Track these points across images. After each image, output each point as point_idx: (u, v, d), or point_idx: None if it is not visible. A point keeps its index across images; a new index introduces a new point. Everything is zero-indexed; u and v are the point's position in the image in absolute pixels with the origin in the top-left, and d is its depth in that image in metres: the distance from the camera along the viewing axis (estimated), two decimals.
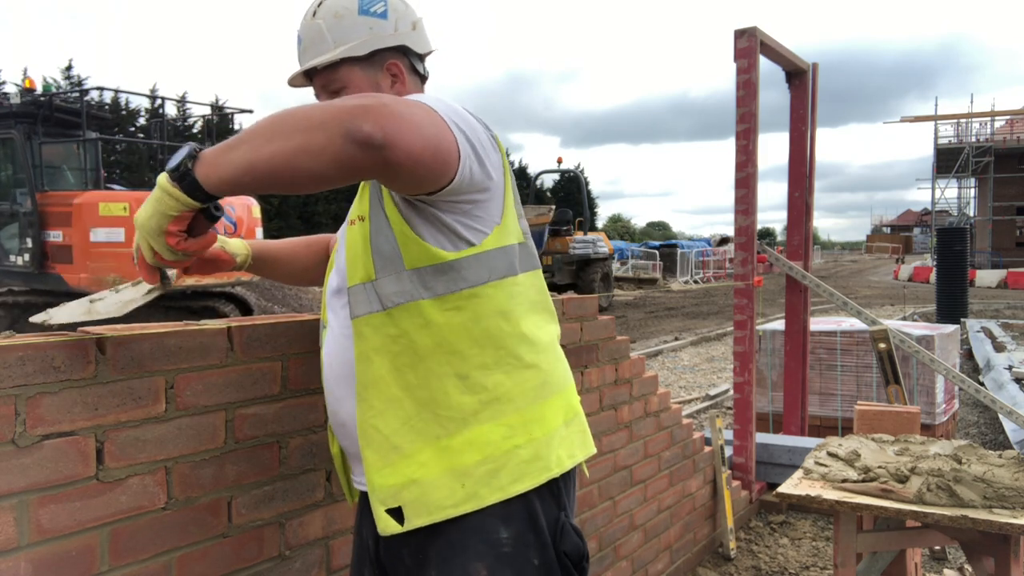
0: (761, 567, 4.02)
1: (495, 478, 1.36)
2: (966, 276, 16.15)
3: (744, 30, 4.47)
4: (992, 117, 41.52)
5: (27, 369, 1.36)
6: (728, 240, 5.15)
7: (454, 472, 1.35)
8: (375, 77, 1.54)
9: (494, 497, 1.35)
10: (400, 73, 1.56)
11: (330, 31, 1.52)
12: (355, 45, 1.51)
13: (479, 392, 1.37)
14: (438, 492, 1.35)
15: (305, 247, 1.90)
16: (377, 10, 1.53)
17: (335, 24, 1.52)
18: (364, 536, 1.56)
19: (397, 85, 1.55)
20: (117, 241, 8.90)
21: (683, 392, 9.03)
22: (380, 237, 1.37)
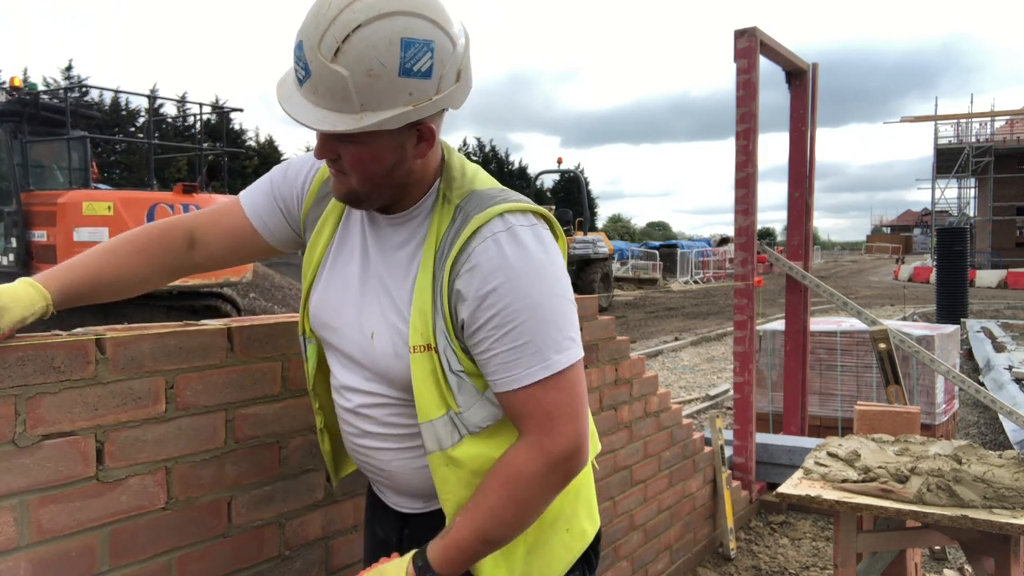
0: (761, 567, 4.02)
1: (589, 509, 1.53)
2: (966, 276, 16.16)
3: (744, 30, 4.47)
4: (992, 117, 41.53)
5: (27, 369, 1.36)
6: (728, 240, 5.15)
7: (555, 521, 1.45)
8: (401, 140, 1.29)
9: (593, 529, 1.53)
10: (431, 135, 1.30)
11: (358, 91, 1.20)
12: (388, 120, 1.21)
13: None
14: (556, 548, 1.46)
15: (136, 253, 1.54)
16: (422, 68, 1.21)
17: (366, 84, 1.19)
18: (378, 531, 1.61)
19: (422, 145, 1.31)
20: (101, 241, 8.91)
21: (683, 392, 9.03)
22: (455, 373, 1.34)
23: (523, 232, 1.30)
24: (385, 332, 1.38)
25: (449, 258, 1.30)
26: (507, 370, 1.28)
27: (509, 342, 1.26)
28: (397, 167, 1.31)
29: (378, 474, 1.52)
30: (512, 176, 52.24)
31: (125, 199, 9.26)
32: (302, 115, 1.25)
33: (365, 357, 1.42)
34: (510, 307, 1.26)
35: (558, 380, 1.28)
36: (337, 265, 1.48)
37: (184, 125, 25.18)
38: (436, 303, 1.32)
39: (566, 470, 1.30)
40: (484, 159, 53.04)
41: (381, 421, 1.44)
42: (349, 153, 1.29)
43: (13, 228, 9.34)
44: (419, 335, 1.33)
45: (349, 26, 1.17)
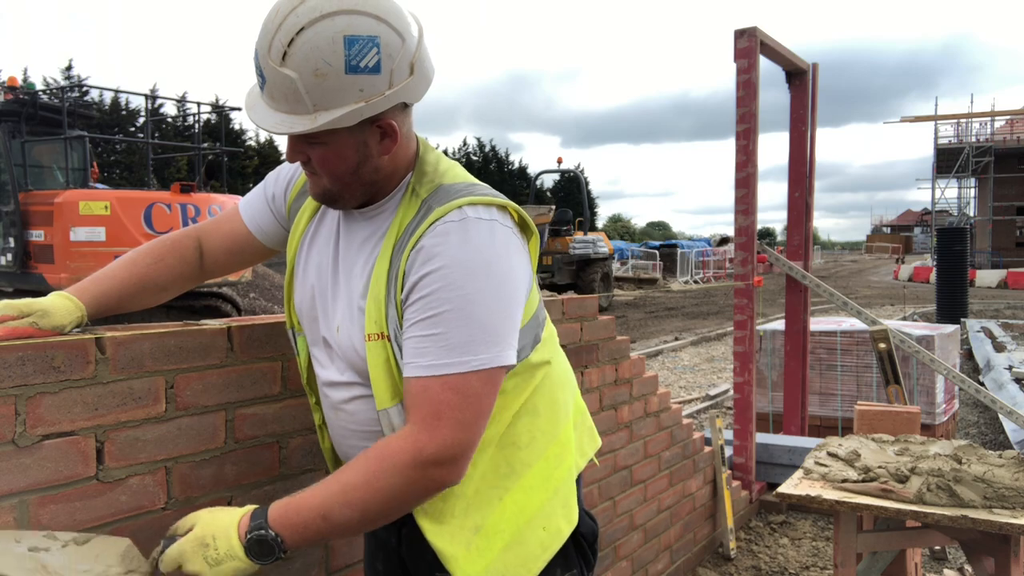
0: (761, 567, 4.03)
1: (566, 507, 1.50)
2: (966, 276, 16.16)
3: (744, 30, 4.47)
4: (992, 117, 41.53)
5: (27, 369, 1.36)
6: (728, 240, 5.15)
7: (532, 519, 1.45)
8: (363, 136, 1.30)
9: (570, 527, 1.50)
10: (393, 131, 1.31)
11: (308, 92, 1.22)
12: (341, 117, 1.23)
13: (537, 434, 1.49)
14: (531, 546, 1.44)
15: (153, 264, 1.60)
16: (369, 63, 1.22)
17: (315, 85, 1.21)
18: (379, 532, 1.60)
19: (387, 141, 1.32)
20: (98, 240, 8.80)
21: (683, 392, 9.03)
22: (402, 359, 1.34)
23: (476, 225, 1.29)
24: (347, 323, 1.40)
25: (406, 248, 1.31)
26: (414, 355, 1.27)
27: (425, 328, 1.26)
28: (363, 164, 1.33)
29: None
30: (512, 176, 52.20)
31: (122, 199, 9.22)
32: (263, 120, 1.28)
33: (336, 349, 1.44)
34: (437, 294, 1.25)
35: (458, 381, 1.25)
36: (311, 256, 1.50)
37: (184, 125, 25.20)
38: (390, 291, 1.33)
39: (435, 476, 1.25)
40: (484, 159, 52.97)
41: (360, 419, 1.45)
42: (316, 155, 1.31)
43: (11, 228, 9.33)
44: (373, 323, 1.34)
45: (293, 30, 1.20)
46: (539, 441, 1.47)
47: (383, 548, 1.60)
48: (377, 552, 1.62)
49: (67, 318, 1.44)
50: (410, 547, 1.49)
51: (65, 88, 11.50)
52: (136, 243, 9.08)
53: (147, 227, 9.10)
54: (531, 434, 1.46)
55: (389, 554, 1.58)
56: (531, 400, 1.46)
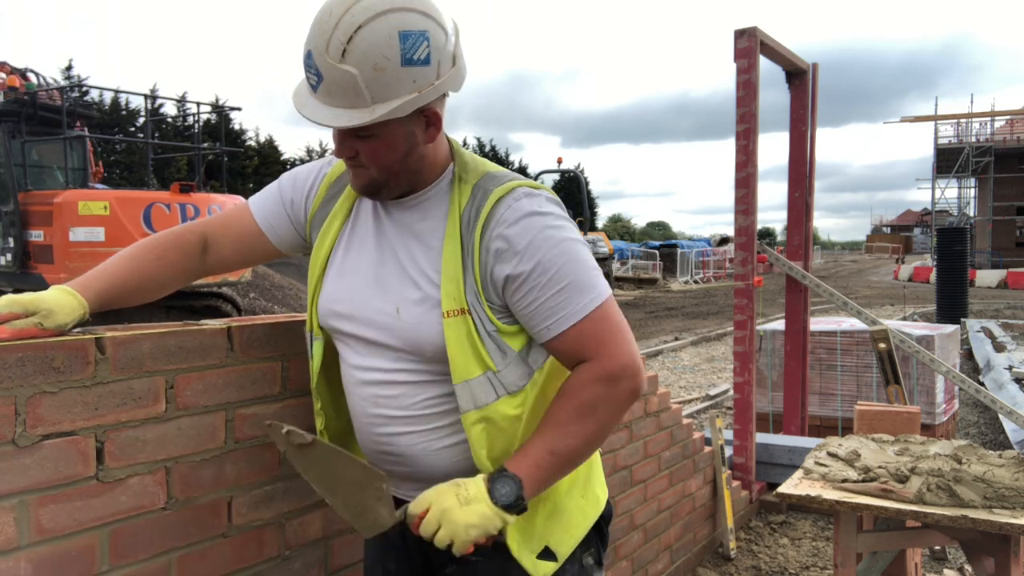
0: (761, 567, 4.03)
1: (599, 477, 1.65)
2: (966, 276, 16.16)
3: (744, 30, 4.47)
4: (992, 117, 41.53)
5: (27, 369, 1.36)
6: (728, 240, 5.15)
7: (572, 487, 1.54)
8: (411, 127, 1.39)
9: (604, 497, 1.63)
10: (437, 119, 1.41)
11: (368, 86, 1.29)
12: (398, 108, 1.31)
13: None
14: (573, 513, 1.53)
15: (156, 260, 1.61)
16: (420, 56, 1.31)
17: (374, 79, 1.29)
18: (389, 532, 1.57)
19: (431, 129, 1.41)
20: (97, 240, 8.76)
21: (683, 392, 9.03)
22: (488, 334, 1.43)
23: (539, 199, 1.45)
24: (411, 304, 1.45)
25: (477, 226, 1.41)
26: (558, 311, 1.39)
27: (554, 286, 1.39)
28: (410, 153, 1.41)
29: (397, 463, 1.52)
30: None
31: (121, 199, 9.19)
32: (320, 116, 1.35)
33: (391, 334, 1.46)
34: (548, 254, 1.39)
35: (599, 312, 1.40)
36: (349, 257, 1.54)
37: (184, 125, 25.21)
38: (467, 268, 1.42)
39: (627, 388, 1.40)
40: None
41: (404, 404, 1.47)
42: (366, 148, 1.39)
43: (11, 228, 9.31)
44: (452, 300, 1.41)
45: (351, 28, 1.28)
46: None
47: (395, 547, 1.60)
48: (388, 551, 1.62)
49: (70, 316, 1.44)
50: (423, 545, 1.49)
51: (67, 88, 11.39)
52: None
53: (146, 227, 9.06)
54: None
55: (402, 553, 1.59)
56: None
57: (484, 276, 1.41)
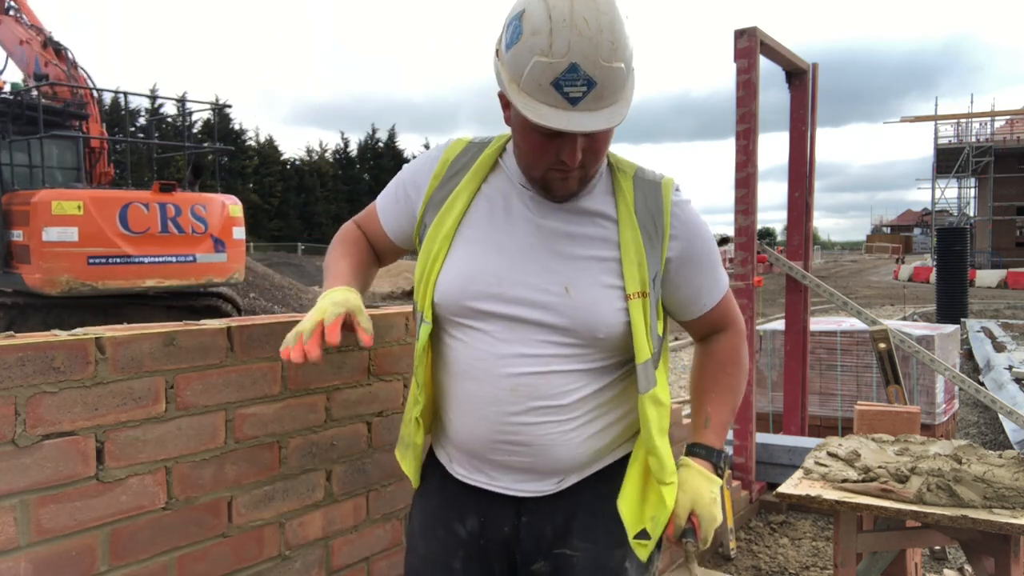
0: (761, 567, 4.02)
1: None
2: (966, 276, 16.15)
3: (744, 30, 4.46)
4: (992, 117, 41.52)
5: (27, 369, 1.36)
6: (728, 240, 5.15)
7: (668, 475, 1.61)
8: None
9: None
10: None
11: (628, 75, 1.35)
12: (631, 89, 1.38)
13: None
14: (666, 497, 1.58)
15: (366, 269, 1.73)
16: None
17: (631, 72, 1.36)
18: (458, 529, 1.58)
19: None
20: (70, 241, 8.63)
21: (683, 392, 9.03)
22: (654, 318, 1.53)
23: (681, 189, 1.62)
24: (586, 284, 1.47)
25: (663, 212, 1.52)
26: (714, 287, 1.62)
27: (711, 268, 1.61)
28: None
29: (520, 453, 1.50)
30: None
31: (96, 198, 9.01)
32: (593, 124, 1.33)
33: (556, 314, 1.46)
34: (706, 244, 1.59)
35: (730, 292, 1.69)
36: (489, 236, 1.51)
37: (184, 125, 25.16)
38: (651, 254, 1.50)
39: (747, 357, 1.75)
40: None
41: (548, 392, 1.46)
42: (598, 149, 1.41)
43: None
44: (636, 283, 1.48)
45: (611, 25, 1.30)
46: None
47: (464, 546, 1.56)
48: (456, 550, 1.57)
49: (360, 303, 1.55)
50: (530, 533, 1.54)
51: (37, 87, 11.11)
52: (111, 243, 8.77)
53: (122, 227, 8.90)
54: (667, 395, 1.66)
55: (474, 551, 1.56)
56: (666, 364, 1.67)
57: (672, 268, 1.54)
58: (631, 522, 1.53)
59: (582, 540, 1.51)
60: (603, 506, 1.53)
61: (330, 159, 63.44)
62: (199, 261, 9.58)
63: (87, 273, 8.68)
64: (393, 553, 2.08)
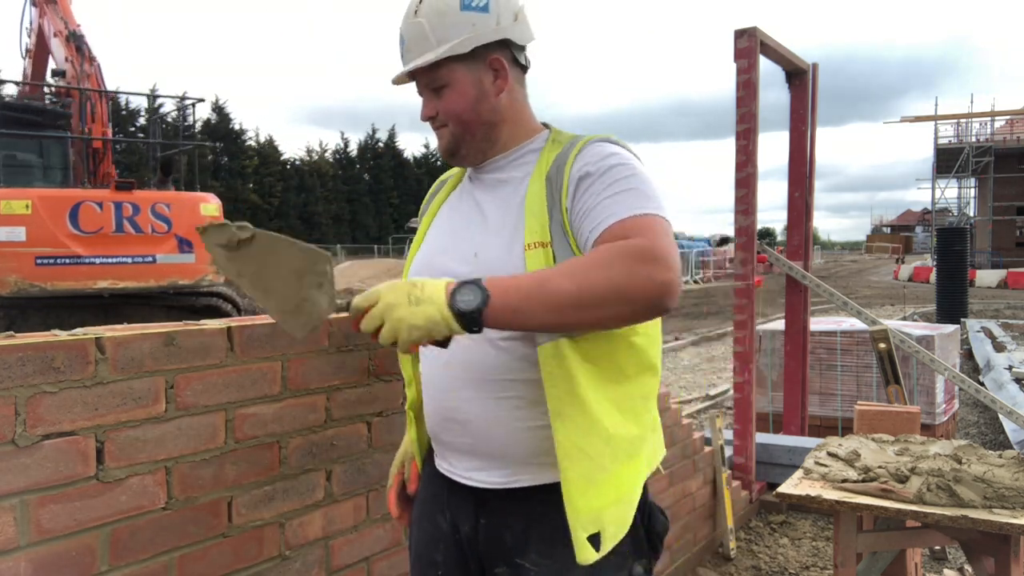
0: (761, 567, 4.02)
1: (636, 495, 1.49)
2: (966, 276, 16.15)
3: (744, 30, 4.47)
4: (992, 117, 41.52)
5: (27, 369, 1.36)
6: (728, 240, 5.15)
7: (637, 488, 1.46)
8: (477, 73, 1.50)
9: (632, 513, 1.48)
10: (502, 68, 1.51)
11: (432, 30, 1.47)
12: (457, 43, 1.46)
13: (651, 410, 1.53)
14: (628, 511, 1.44)
15: None
16: (479, 4, 1.48)
17: (438, 22, 1.47)
18: (440, 522, 1.59)
19: (499, 80, 1.51)
20: (18, 240, 8.40)
21: (683, 392, 9.03)
22: None
23: (626, 148, 1.50)
24: (490, 244, 1.48)
25: (566, 165, 1.45)
26: (612, 207, 1.34)
27: (617, 189, 1.36)
28: (481, 102, 1.51)
29: (463, 433, 1.50)
30: None
31: (44, 197, 8.70)
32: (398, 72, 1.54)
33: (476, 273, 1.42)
34: (619, 167, 1.40)
35: (658, 220, 1.32)
36: (440, 223, 1.63)
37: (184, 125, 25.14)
38: (554, 205, 1.43)
39: (655, 276, 1.23)
40: None
41: (479, 367, 1.46)
42: (443, 102, 1.51)
43: None
44: (534, 233, 1.43)
45: None
46: (651, 405, 1.53)
47: (445, 539, 1.58)
48: (437, 543, 1.59)
49: None
50: (488, 535, 1.50)
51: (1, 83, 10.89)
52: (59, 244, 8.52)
53: (72, 227, 8.64)
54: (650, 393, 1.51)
55: (452, 545, 1.57)
56: (654, 357, 1.50)
57: (571, 202, 1.41)
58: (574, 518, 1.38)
59: (541, 556, 1.44)
60: (567, 523, 1.39)
61: (330, 159, 63.46)
62: (160, 262, 9.16)
63: (35, 274, 8.49)
64: (393, 553, 2.08)
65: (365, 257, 40.22)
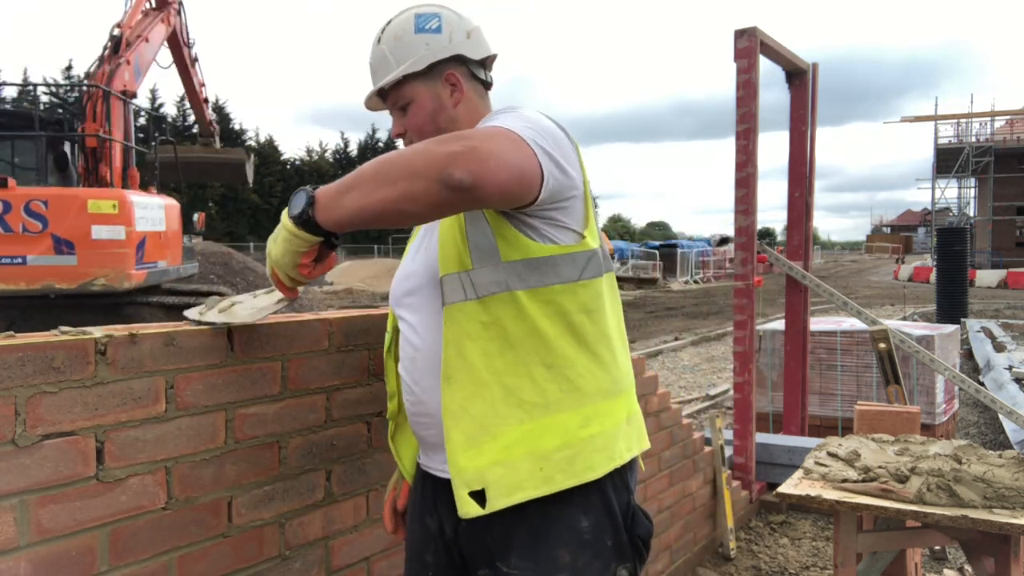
0: (761, 567, 4.03)
1: (571, 464, 1.45)
2: (966, 276, 16.15)
3: (744, 30, 4.47)
4: (992, 117, 41.53)
5: (27, 369, 1.36)
6: (728, 240, 5.15)
7: (534, 455, 1.43)
8: (435, 88, 1.61)
9: (568, 483, 1.44)
10: (458, 82, 1.62)
11: (392, 53, 1.62)
12: (413, 62, 1.60)
13: (561, 382, 1.47)
14: (519, 474, 1.42)
15: None
16: (432, 27, 1.62)
17: (395, 46, 1.62)
18: (429, 523, 1.61)
19: (456, 93, 1.62)
20: None
21: (683, 392, 9.03)
22: (477, 232, 1.45)
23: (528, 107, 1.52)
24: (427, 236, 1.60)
25: None
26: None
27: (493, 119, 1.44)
28: (438, 113, 1.61)
29: (432, 424, 1.54)
30: None
31: None
32: (368, 94, 1.69)
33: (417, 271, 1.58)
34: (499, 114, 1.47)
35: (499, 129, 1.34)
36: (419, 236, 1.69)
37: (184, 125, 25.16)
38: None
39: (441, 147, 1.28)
40: None
41: (424, 351, 1.53)
42: (408, 119, 1.63)
43: None
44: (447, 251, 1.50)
45: (385, 24, 1.67)
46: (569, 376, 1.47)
47: (434, 540, 1.60)
48: (427, 544, 1.62)
49: None
50: (469, 536, 1.52)
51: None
52: None
53: None
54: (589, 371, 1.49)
55: (440, 546, 1.59)
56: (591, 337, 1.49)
57: None
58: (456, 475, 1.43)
59: (522, 559, 1.45)
60: (548, 526, 1.44)
61: (330, 159, 63.49)
62: (30, 264, 8.49)
63: None
64: (393, 553, 2.08)
65: (365, 257, 40.21)
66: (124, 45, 10.29)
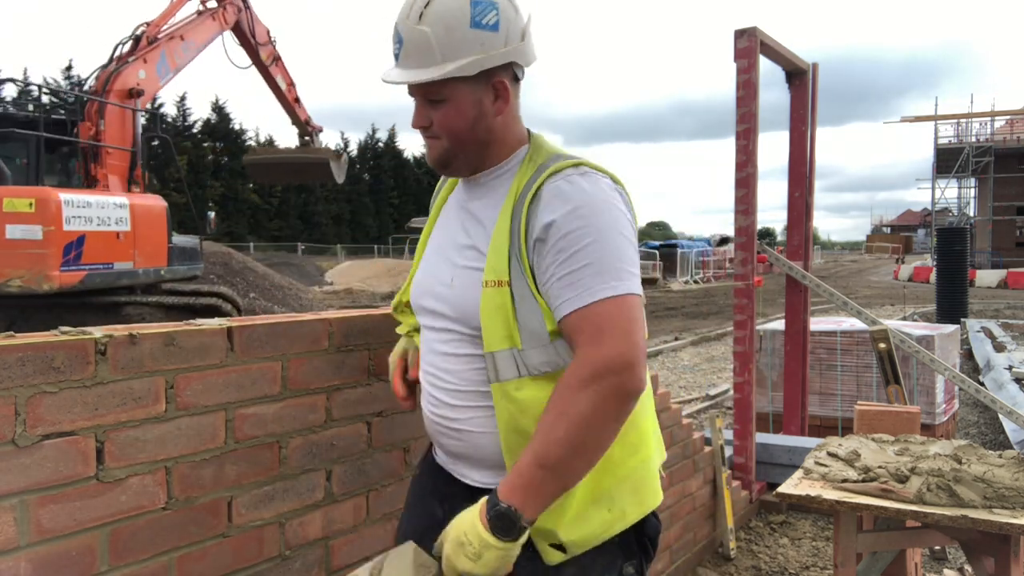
0: (761, 567, 4.03)
1: (636, 494, 1.52)
2: (966, 276, 16.15)
3: (744, 30, 4.47)
4: (992, 117, 41.53)
5: (27, 369, 1.36)
6: (728, 240, 5.15)
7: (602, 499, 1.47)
8: (479, 94, 1.47)
9: (637, 514, 1.51)
10: (505, 90, 1.48)
11: (438, 43, 1.41)
12: (465, 64, 1.41)
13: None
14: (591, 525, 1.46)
15: None
16: (489, 21, 1.42)
17: (445, 37, 1.41)
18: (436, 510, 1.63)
19: (499, 102, 1.49)
20: None
21: (683, 392, 9.03)
22: (526, 310, 1.43)
23: (594, 175, 1.44)
24: (463, 274, 1.51)
25: (526, 201, 1.43)
26: (567, 290, 1.36)
27: (573, 264, 1.36)
28: (478, 122, 1.48)
29: (451, 436, 1.56)
30: None
31: None
32: (397, 78, 1.47)
33: (446, 304, 1.53)
34: (576, 231, 1.37)
35: (613, 303, 1.34)
36: (437, 235, 1.65)
37: (184, 125, 25.18)
38: (513, 243, 1.44)
39: (615, 384, 1.31)
40: None
41: (458, 377, 1.52)
42: (438, 115, 1.48)
43: None
44: (493, 271, 1.44)
45: None
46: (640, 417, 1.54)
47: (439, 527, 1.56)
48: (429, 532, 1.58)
49: None
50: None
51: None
52: None
53: None
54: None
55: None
56: None
57: (530, 249, 1.42)
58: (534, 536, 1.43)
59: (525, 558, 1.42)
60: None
61: None
62: None
63: None
64: None
65: (365, 257, 40.22)
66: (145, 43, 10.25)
